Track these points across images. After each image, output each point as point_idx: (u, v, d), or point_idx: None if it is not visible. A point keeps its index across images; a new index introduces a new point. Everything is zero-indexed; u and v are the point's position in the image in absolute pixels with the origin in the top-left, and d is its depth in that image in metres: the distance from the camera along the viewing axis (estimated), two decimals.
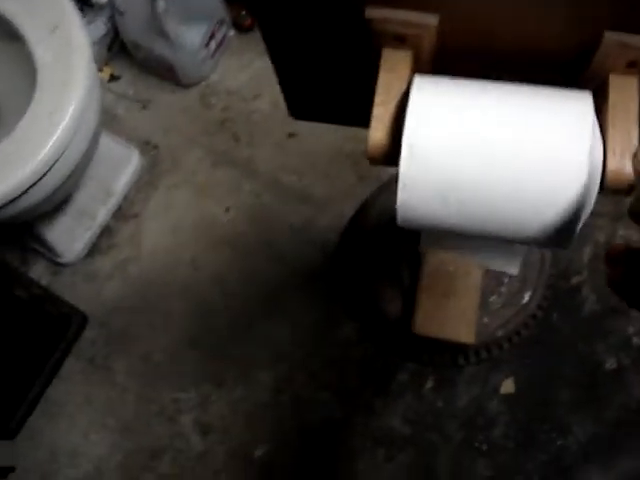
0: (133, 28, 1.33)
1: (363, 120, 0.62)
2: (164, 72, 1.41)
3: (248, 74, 1.46)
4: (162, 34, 1.30)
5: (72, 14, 0.98)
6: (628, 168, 0.55)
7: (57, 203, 1.17)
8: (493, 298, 1.17)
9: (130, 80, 1.48)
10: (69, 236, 1.30)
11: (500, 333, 1.16)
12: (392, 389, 1.22)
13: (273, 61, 0.71)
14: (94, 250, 1.34)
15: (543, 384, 1.20)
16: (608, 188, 0.56)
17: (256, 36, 1.48)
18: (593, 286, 1.25)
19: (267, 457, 1.21)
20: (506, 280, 1.17)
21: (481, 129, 0.56)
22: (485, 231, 0.58)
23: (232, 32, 1.47)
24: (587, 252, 1.27)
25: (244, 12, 1.44)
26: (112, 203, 1.35)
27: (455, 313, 1.13)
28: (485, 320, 1.16)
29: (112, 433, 1.26)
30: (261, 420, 1.23)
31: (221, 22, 1.40)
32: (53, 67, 0.96)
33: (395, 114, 0.59)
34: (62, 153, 0.97)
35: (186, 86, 1.45)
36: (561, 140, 0.54)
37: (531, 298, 1.18)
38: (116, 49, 1.46)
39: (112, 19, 1.37)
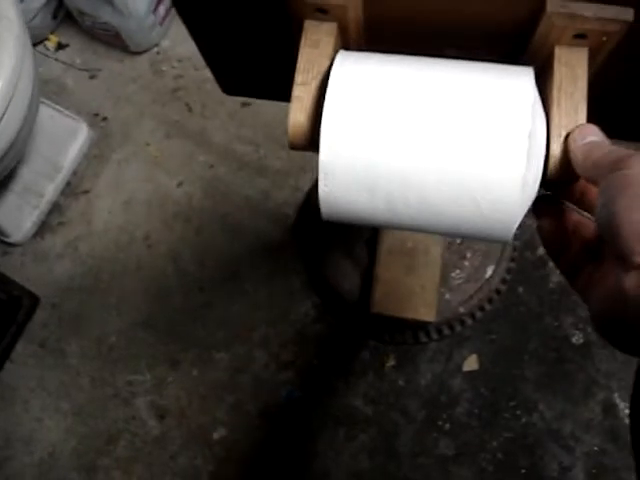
0: None
1: None
2: (112, 39, 1.34)
3: None
4: (106, 1, 1.23)
5: None
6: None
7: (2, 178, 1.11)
8: (455, 273, 1.12)
9: (78, 48, 1.41)
10: (16, 215, 1.24)
11: (463, 309, 1.13)
12: (353, 368, 1.18)
13: (192, 35, 0.65)
14: (43, 229, 1.29)
15: (508, 360, 1.17)
16: (552, 177, 0.51)
17: None
18: None
19: (226, 440, 1.18)
20: (468, 254, 1.13)
21: (411, 113, 0.50)
22: (418, 227, 0.53)
23: None
24: None
25: None
26: (60, 179, 1.29)
27: (414, 291, 1.09)
28: (447, 296, 1.12)
29: (66, 417, 1.22)
30: (219, 402, 1.20)
31: None
32: None
33: (317, 95, 0.53)
34: None
35: (136, 53, 1.38)
36: (496, 125, 0.48)
37: (494, 272, 1.14)
38: (62, 16, 1.38)
39: None
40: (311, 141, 0.54)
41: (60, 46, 1.40)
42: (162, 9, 1.32)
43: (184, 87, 1.36)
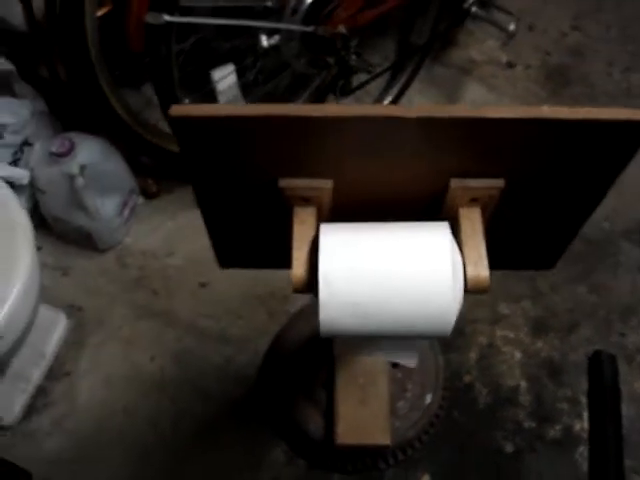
0: (54, 204, 1.49)
1: (281, 263, 0.81)
2: (82, 240, 1.56)
3: (159, 235, 1.64)
4: (81, 207, 1.47)
5: (10, 196, 1.13)
6: (482, 273, 0.75)
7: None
8: (400, 404, 1.33)
9: (50, 250, 1.61)
10: (7, 400, 1.38)
11: (411, 434, 1.32)
12: None
13: (205, 221, 0.88)
14: (31, 410, 1.42)
15: (455, 474, 1.36)
16: (470, 289, 0.76)
17: (162, 202, 1.68)
18: (483, 382, 1.45)
19: None
20: (409, 387, 1.35)
21: (373, 259, 0.75)
22: (387, 332, 0.76)
23: (141, 200, 1.65)
24: (473, 354, 1.48)
25: (150, 181, 1.64)
26: (44, 364, 1.45)
27: (370, 420, 1.28)
28: (397, 424, 1.32)
29: None
30: None
31: (132, 191, 1.58)
32: None
33: (309, 255, 0.78)
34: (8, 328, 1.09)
35: (102, 250, 1.60)
36: (430, 261, 0.74)
37: (432, 400, 1.35)
38: (36, 222, 1.59)
39: (33, 197, 1.52)
40: (308, 286, 0.77)
41: None
42: (127, 211, 1.57)
43: (148, 275, 1.58)
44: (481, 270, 0.76)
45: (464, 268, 0.77)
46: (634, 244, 1.64)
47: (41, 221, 1.60)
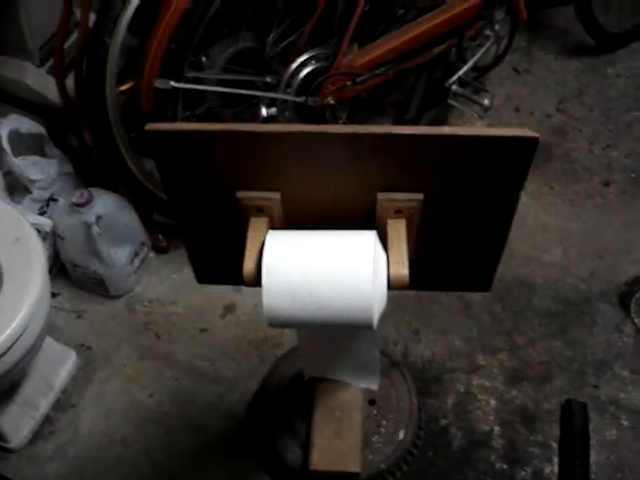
0: (72, 250, 1.66)
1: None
2: (96, 286, 1.73)
3: (166, 286, 1.80)
4: (96, 254, 1.64)
5: (30, 230, 1.30)
6: (403, 272, 0.88)
7: (8, 387, 1.41)
8: (375, 438, 1.42)
9: (67, 296, 1.79)
10: (16, 425, 1.51)
11: (384, 466, 1.40)
12: None
13: (181, 236, 1.03)
14: (37, 436, 1.55)
15: None
16: (392, 285, 0.89)
17: (171, 257, 1.83)
18: (458, 426, 1.53)
19: None
20: (384, 423, 1.44)
21: (308, 255, 0.89)
22: (321, 319, 0.89)
23: (152, 254, 1.83)
24: (450, 400, 1.57)
25: (161, 237, 1.81)
26: (52, 396, 1.58)
27: (343, 450, 1.38)
28: (370, 457, 1.40)
29: None
30: None
31: (143, 244, 1.75)
32: (15, 269, 1.26)
33: (259, 254, 0.92)
34: (20, 335, 1.24)
35: (114, 297, 1.76)
36: (355, 257, 0.88)
37: (405, 435, 1.44)
38: (56, 271, 1.77)
39: (54, 245, 1.70)
40: (256, 278, 0.90)
41: (53, 295, 1.76)
42: (137, 261, 1.74)
43: (153, 321, 1.73)
44: (402, 269, 0.89)
45: (388, 267, 0.90)
46: (611, 305, 1.73)
47: (61, 269, 1.77)
